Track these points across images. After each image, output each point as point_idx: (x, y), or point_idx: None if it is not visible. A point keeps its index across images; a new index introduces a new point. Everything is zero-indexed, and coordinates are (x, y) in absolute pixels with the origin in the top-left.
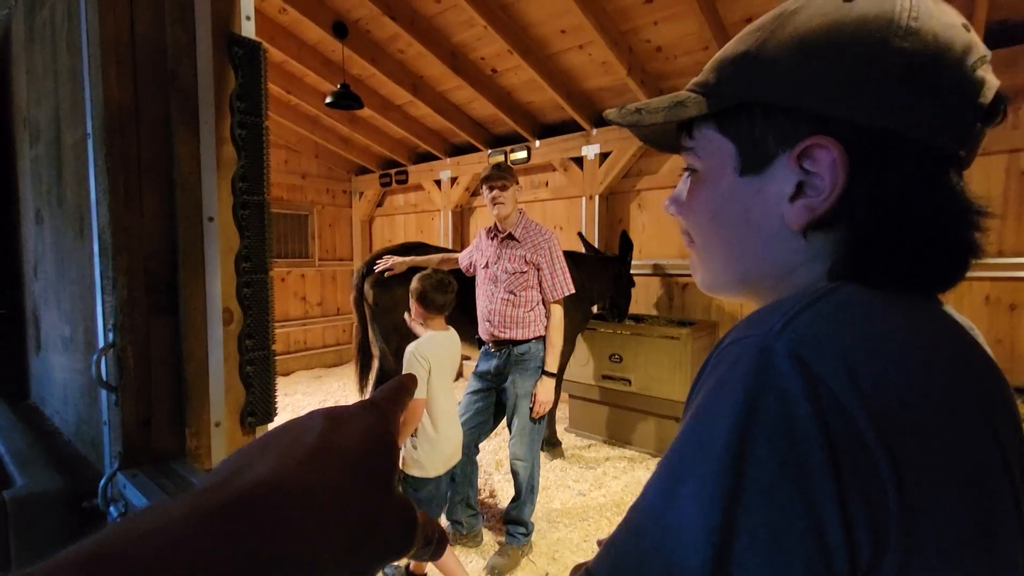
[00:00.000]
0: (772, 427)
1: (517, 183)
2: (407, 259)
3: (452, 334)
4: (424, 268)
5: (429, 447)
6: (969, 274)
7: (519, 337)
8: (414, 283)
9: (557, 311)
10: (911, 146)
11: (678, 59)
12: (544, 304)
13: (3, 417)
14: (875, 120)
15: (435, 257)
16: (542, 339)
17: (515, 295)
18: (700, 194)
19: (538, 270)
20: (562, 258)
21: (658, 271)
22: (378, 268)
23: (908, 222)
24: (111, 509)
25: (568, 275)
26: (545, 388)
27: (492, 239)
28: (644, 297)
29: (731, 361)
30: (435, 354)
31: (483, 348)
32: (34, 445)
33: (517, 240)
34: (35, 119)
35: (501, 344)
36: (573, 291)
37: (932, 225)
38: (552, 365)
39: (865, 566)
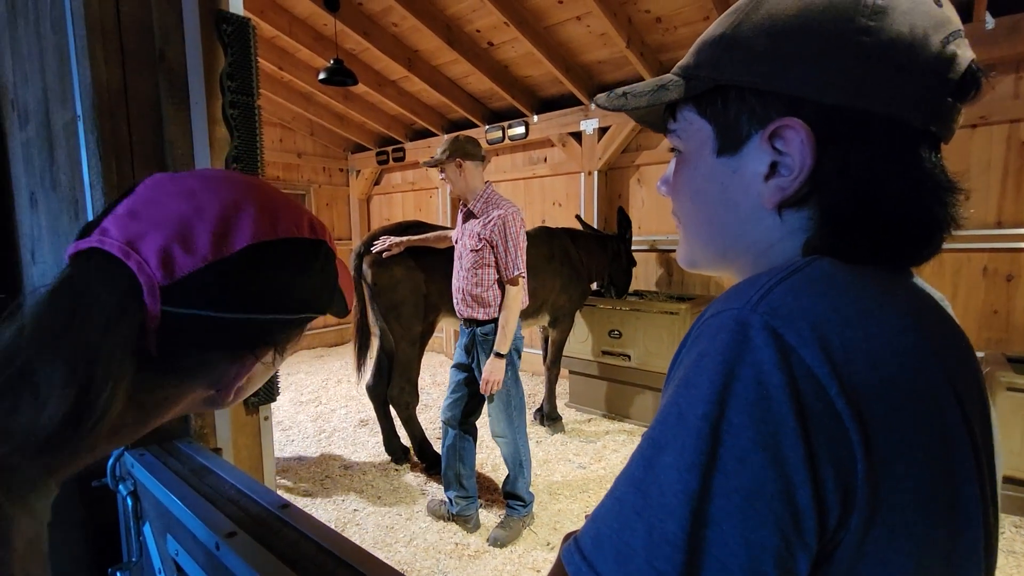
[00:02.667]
0: (747, 397)
1: (459, 158)
2: (404, 239)
3: None
4: (422, 247)
5: None
6: (967, 245)
7: (481, 317)
8: None
9: (510, 291)
10: (879, 124)
11: (678, 30)
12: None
13: None
14: (842, 100)
15: (431, 235)
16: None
17: (472, 273)
18: (683, 174)
19: (492, 247)
20: (517, 235)
21: (657, 247)
22: (375, 249)
23: (875, 199)
24: (120, 488)
25: (522, 254)
26: (491, 367)
27: (462, 214)
28: (643, 273)
29: (711, 334)
30: None
31: (460, 324)
32: None
33: (476, 216)
34: (23, 100)
35: (468, 323)
36: (524, 271)
37: (900, 202)
38: (502, 346)
39: (834, 525)
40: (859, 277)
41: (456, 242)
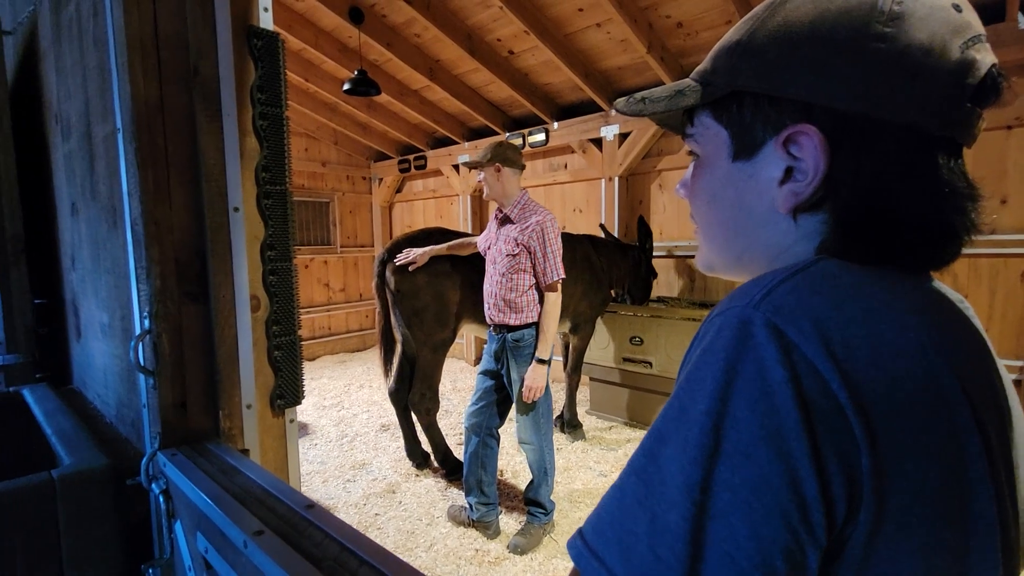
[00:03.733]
0: (750, 392)
1: (498, 162)
2: (427, 250)
3: None
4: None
5: None
6: (1005, 251)
7: (513, 323)
8: None
9: (550, 297)
10: (894, 130)
11: (700, 34)
12: (539, 289)
13: (49, 401)
14: (856, 106)
15: (454, 243)
16: (537, 326)
17: (506, 278)
18: (700, 179)
19: (530, 253)
20: (555, 241)
21: (678, 253)
22: (399, 262)
23: (888, 204)
24: (153, 486)
25: (560, 259)
26: (534, 374)
27: (496, 220)
28: (665, 279)
29: (715, 332)
30: None
31: (489, 329)
32: (79, 427)
33: (512, 221)
34: (66, 114)
35: (499, 328)
36: (563, 276)
37: (913, 208)
38: (543, 352)
39: (841, 519)
40: (866, 277)
41: (488, 247)
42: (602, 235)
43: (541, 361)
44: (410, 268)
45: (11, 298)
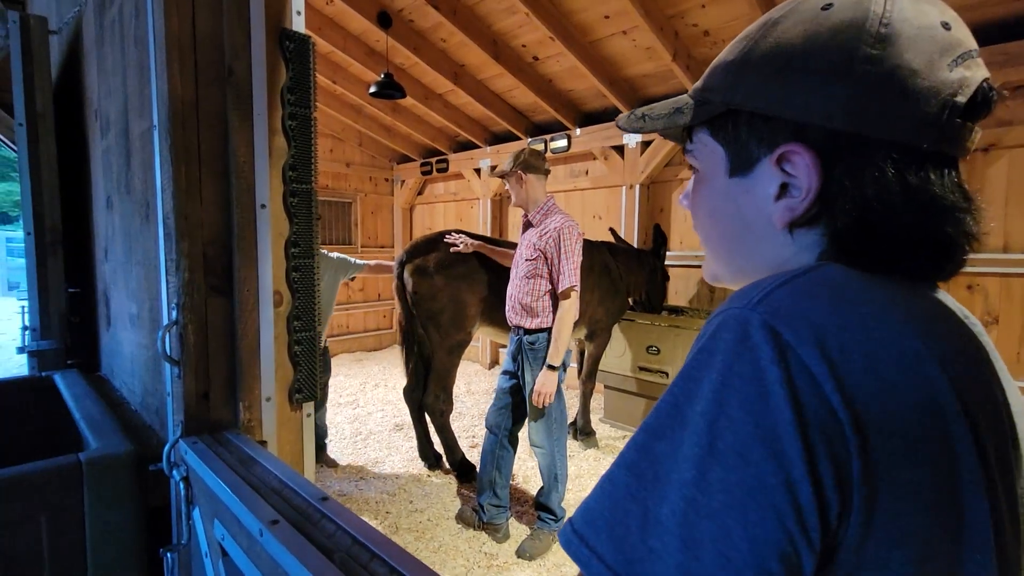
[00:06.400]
0: (746, 392)
1: (520, 170)
2: (477, 243)
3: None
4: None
5: None
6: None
7: (528, 326)
8: None
9: (563, 305)
10: (886, 148)
11: (726, 43)
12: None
13: (78, 386)
14: (848, 126)
15: (501, 251)
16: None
17: (524, 282)
18: (700, 193)
19: (546, 259)
20: (571, 249)
21: (697, 263)
22: (448, 239)
23: (881, 220)
24: (174, 473)
25: (574, 267)
26: (544, 379)
27: (523, 224)
28: (684, 288)
29: (712, 331)
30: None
31: (511, 331)
32: (106, 413)
33: (533, 226)
34: (105, 111)
35: (516, 330)
36: (575, 284)
37: (906, 221)
38: (555, 358)
39: (835, 524)
40: (866, 283)
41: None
42: (613, 240)
43: (552, 367)
44: (451, 250)
45: (47, 287)
